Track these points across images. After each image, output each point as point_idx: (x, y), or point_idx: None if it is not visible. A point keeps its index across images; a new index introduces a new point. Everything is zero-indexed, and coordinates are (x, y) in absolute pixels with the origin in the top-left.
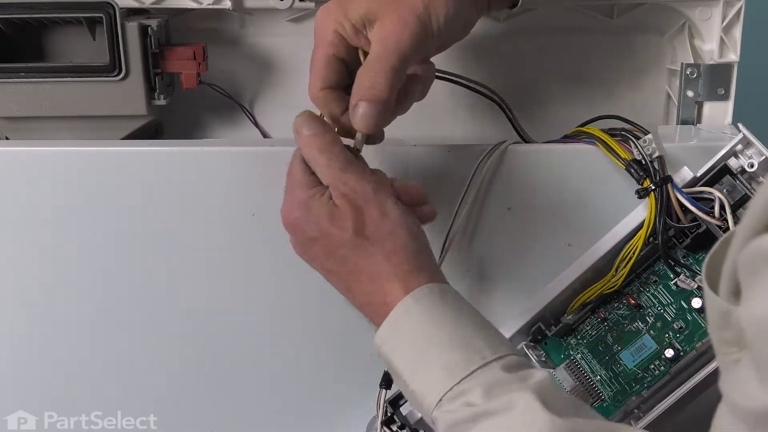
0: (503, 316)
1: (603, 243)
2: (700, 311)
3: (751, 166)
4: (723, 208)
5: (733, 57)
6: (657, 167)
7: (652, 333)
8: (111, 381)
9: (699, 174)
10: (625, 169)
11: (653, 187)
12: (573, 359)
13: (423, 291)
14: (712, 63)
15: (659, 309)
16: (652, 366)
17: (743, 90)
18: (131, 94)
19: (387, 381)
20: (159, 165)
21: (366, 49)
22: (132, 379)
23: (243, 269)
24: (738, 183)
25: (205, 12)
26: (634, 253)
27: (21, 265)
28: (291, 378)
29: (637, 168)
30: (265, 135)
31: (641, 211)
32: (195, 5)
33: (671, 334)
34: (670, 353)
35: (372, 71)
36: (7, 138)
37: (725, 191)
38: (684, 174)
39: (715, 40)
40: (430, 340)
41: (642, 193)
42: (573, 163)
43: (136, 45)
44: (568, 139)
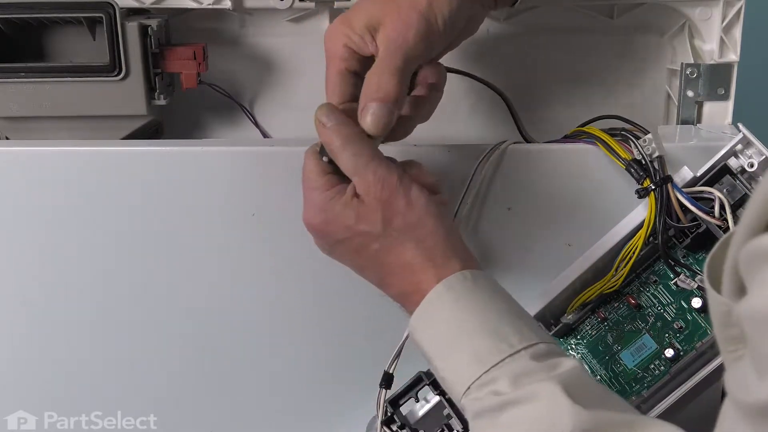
0: None
1: (603, 243)
2: (700, 311)
3: (751, 165)
4: (723, 207)
5: (733, 57)
6: (657, 167)
7: (652, 333)
8: (111, 381)
9: (699, 174)
10: (625, 169)
11: (653, 187)
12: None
13: (456, 278)
14: (712, 63)
15: (659, 309)
16: (652, 366)
17: (743, 90)
18: (131, 94)
19: (387, 381)
20: (159, 165)
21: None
22: (132, 379)
23: (243, 269)
24: (738, 183)
25: (205, 12)
26: (634, 253)
27: (21, 265)
28: (291, 378)
29: (637, 168)
30: (265, 135)
31: (641, 211)
32: (195, 5)
33: (671, 333)
34: (670, 353)
35: (378, 73)
36: (7, 138)
37: (725, 191)
38: (684, 174)
39: (715, 40)
40: (460, 327)
41: (642, 193)
42: (573, 163)
43: (136, 45)
44: (568, 139)
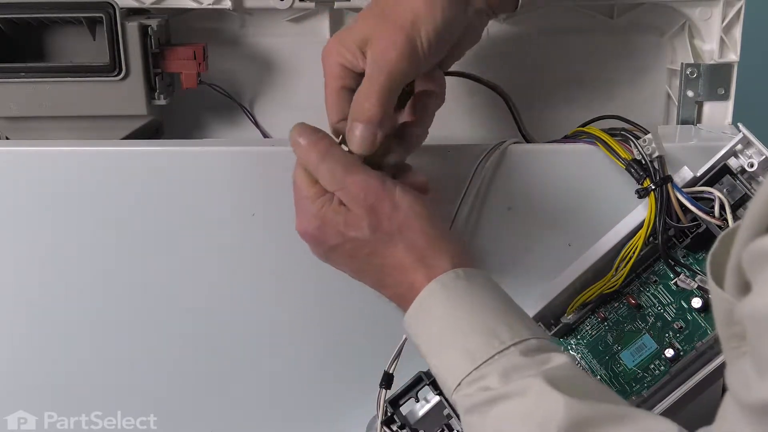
0: None
1: (603, 243)
2: (700, 311)
3: (751, 165)
4: (723, 207)
5: (733, 57)
6: (657, 167)
7: (652, 333)
8: (111, 381)
9: (699, 174)
10: (625, 169)
11: (653, 187)
12: (573, 359)
13: (449, 276)
14: (712, 63)
15: (659, 309)
16: (652, 366)
17: (743, 90)
18: (131, 94)
19: (387, 381)
20: (159, 165)
21: None
22: (132, 379)
23: (243, 269)
24: (738, 183)
25: (205, 12)
26: (634, 253)
27: (21, 265)
28: (291, 378)
29: (637, 168)
30: (265, 135)
31: (641, 211)
32: (195, 5)
33: (671, 333)
34: (670, 353)
35: (363, 94)
36: (7, 138)
37: (725, 191)
38: (684, 174)
39: (715, 40)
40: (453, 325)
41: (642, 193)
42: (573, 163)
43: (136, 45)
44: (568, 139)
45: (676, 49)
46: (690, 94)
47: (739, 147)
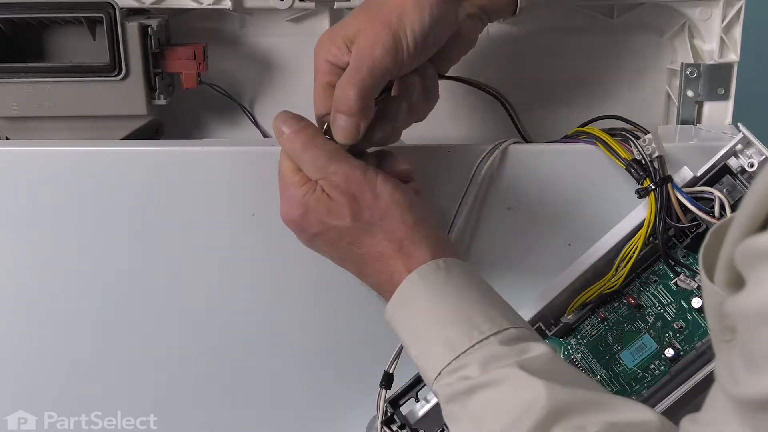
0: None
1: (603, 243)
2: (700, 311)
3: (751, 165)
4: (723, 207)
5: (733, 57)
6: (657, 167)
7: (652, 333)
8: (111, 381)
9: (699, 174)
10: (625, 169)
11: (653, 187)
12: (573, 359)
13: (430, 267)
14: (712, 63)
15: (659, 309)
16: (652, 366)
17: (743, 90)
18: (131, 94)
19: (387, 381)
20: (159, 165)
21: None
22: (132, 379)
23: (243, 269)
24: (738, 183)
25: (205, 12)
26: (634, 253)
27: (21, 265)
28: (291, 378)
29: (637, 168)
30: (265, 135)
31: (641, 211)
32: (195, 5)
33: (671, 333)
34: (670, 353)
35: (342, 85)
36: (7, 138)
37: (725, 191)
38: (684, 174)
39: (715, 40)
40: (433, 315)
41: (642, 193)
42: (573, 163)
43: (136, 45)
44: (568, 139)
45: (676, 49)
46: (690, 94)
47: (739, 147)
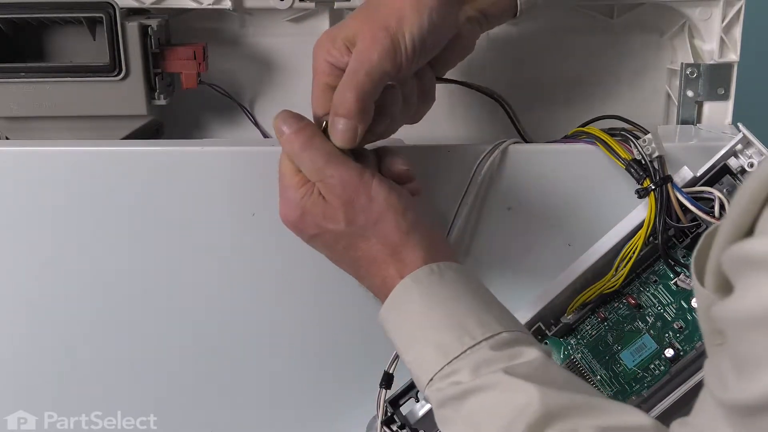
0: None
1: (603, 243)
2: None
3: (751, 165)
4: (723, 207)
5: (733, 57)
6: (657, 167)
7: (652, 333)
8: (111, 381)
9: (699, 174)
10: (625, 169)
11: (653, 187)
12: (573, 359)
13: (423, 271)
14: (712, 63)
15: (659, 309)
16: (652, 366)
17: (743, 90)
18: (131, 94)
19: (387, 381)
20: (159, 165)
21: None
22: (132, 379)
23: (243, 269)
24: (738, 183)
25: (205, 12)
26: (634, 253)
27: (21, 265)
28: (291, 378)
29: (637, 168)
30: (265, 135)
31: (641, 211)
32: (195, 5)
33: (671, 333)
34: (670, 353)
35: (341, 88)
36: (7, 138)
37: (725, 191)
38: (684, 174)
39: (715, 40)
40: (426, 320)
41: (642, 193)
42: (573, 163)
43: (136, 45)
44: (568, 139)
45: (676, 49)
46: (690, 94)
47: (739, 147)
